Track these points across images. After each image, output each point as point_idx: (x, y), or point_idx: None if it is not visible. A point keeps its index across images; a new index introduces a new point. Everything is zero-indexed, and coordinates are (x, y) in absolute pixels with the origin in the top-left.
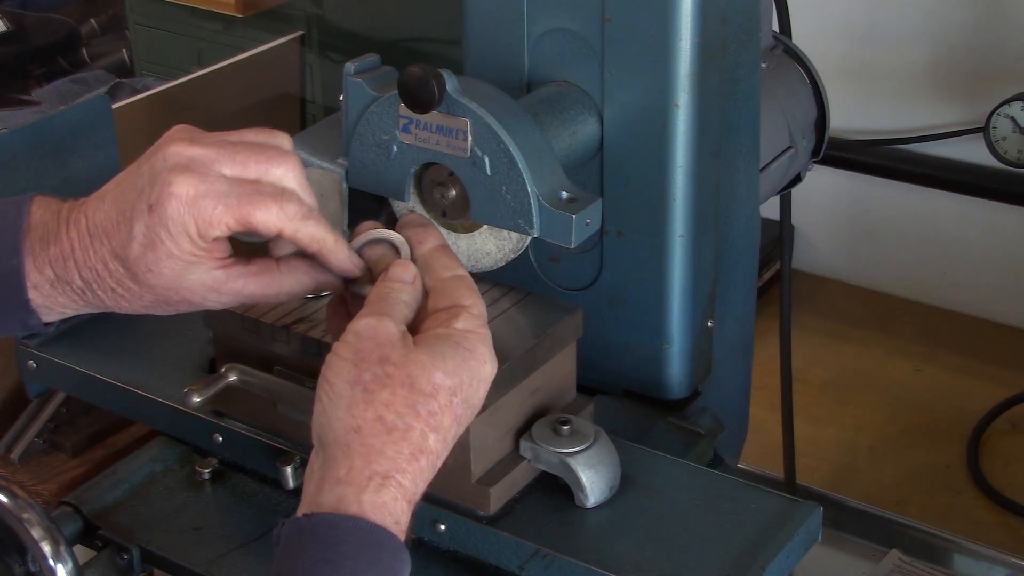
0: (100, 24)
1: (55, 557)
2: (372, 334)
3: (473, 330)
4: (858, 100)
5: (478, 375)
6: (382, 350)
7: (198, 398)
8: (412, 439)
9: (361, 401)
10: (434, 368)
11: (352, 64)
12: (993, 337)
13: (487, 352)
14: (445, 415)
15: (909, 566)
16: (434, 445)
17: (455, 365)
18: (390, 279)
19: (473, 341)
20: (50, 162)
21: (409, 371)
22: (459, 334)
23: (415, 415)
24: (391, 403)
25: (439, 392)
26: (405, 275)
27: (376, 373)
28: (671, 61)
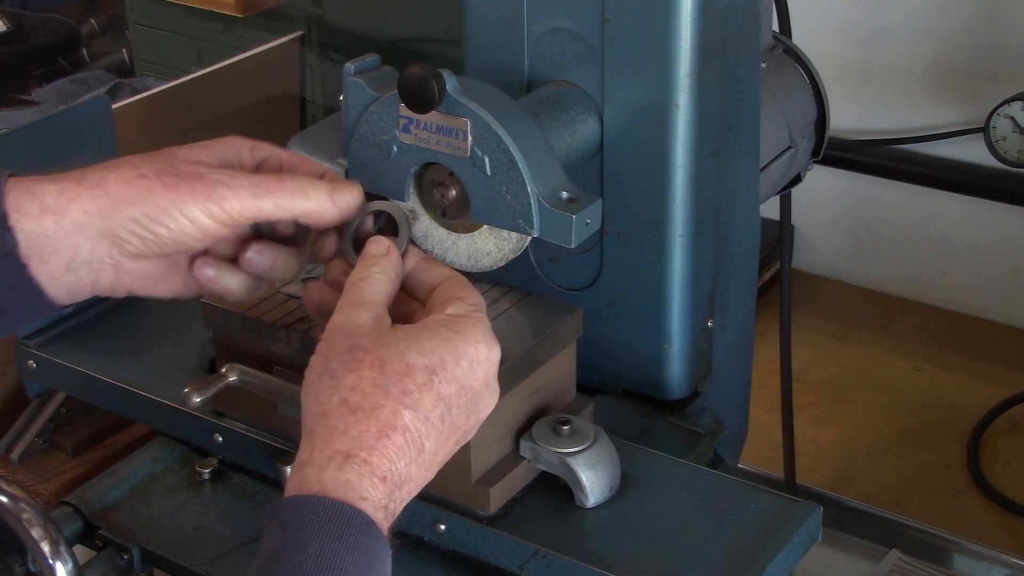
0: (100, 24)
1: (55, 557)
2: (342, 327)
3: (464, 315)
4: (858, 100)
5: (467, 355)
6: (352, 339)
7: (198, 398)
8: (381, 416)
9: (327, 388)
10: (408, 348)
11: (352, 64)
12: (993, 337)
13: (480, 334)
14: (424, 394)
15: (909, 566)
16: (411, 422)
17: (434, 345)
18: (363, 257)
19: (462, 323)
20: (50, 162)
21: (380, 353)
22: (446, 318)
23: (384, 394)
24: (357, 385)
25: (413, 371)
26: (378, 248)
27: (344, 360)
28: (671, 61)
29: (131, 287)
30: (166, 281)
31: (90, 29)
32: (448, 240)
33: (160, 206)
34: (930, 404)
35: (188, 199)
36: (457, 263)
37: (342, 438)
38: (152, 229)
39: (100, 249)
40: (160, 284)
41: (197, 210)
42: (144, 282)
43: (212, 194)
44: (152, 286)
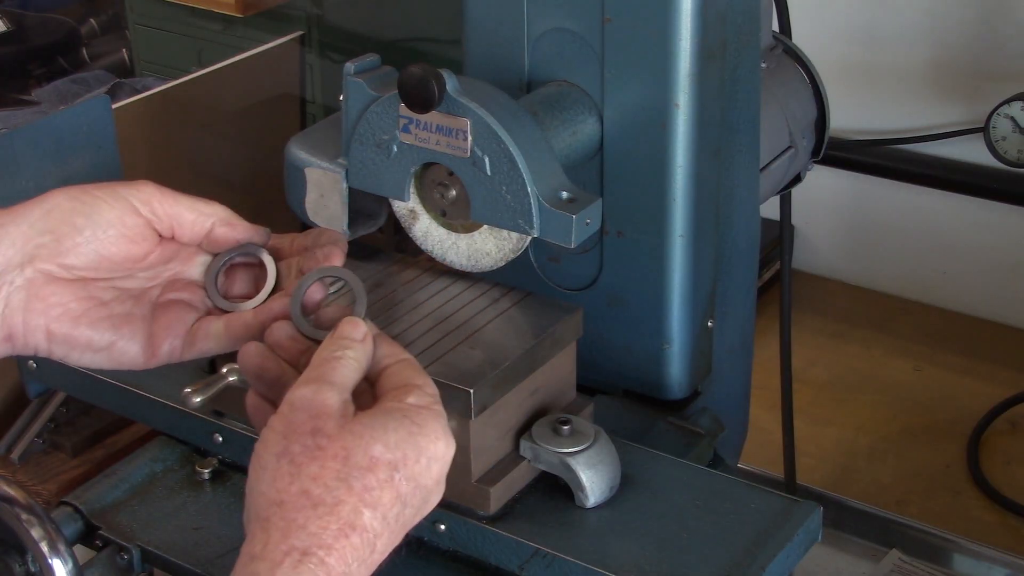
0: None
1: (55, 557)
2: (307, 405)
3: (426, 406)
4: (858, 100)
5: (427, 452)
6: (316, 421)
7: (198, 398)
8: (341, 514)
9: (287, 474)
10: (373, 440)
11: (352, 64)
12: (993, 337)
13: (440, 430)
14: (385, 491)
15: (909, 566)
16: (370, 522)
17: (399, 439)
18: (338, 336)
19: (424, 417)
20: (50, 162)
21: (344, 443)
22: (409, 408)
23: (347, 489)
24: (319, 476)
25: (377, 466)
26: (355, 332)
27: (306, 445)
28: (671, 61)
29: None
30: (88, 320)
31: (90, 29)
32: (448, 240)
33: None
34: (930, 404)
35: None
36: (457, 263)
37: (300, 533)
38: (66, 219)
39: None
40: (82, 323)
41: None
42: (60, 314)
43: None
44: (72, 324)
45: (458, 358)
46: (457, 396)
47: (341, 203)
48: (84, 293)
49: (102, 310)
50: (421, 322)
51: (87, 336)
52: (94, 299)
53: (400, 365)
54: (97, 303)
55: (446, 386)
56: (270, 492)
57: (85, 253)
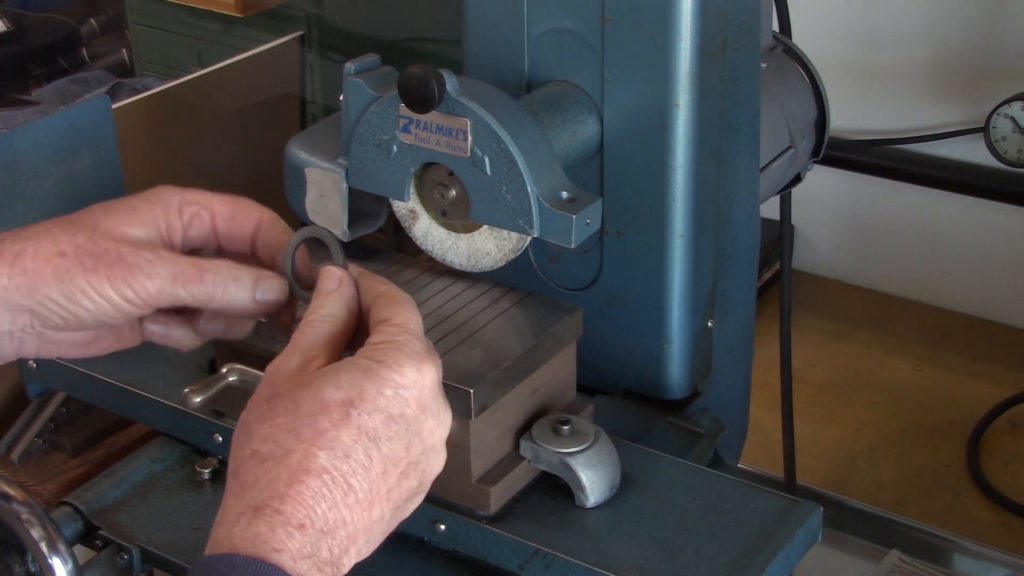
0: (100, 24)
1: (55, 557)
2: (268, 378)
3: (387, 340)
4: (858, 100)
5: (391, 382)
6: (274, 387)
7: (198, 398)
8: (291, 463)
9: (242, 443)
10: (324, 385)
11: (352, 64)
12: (993, 337)
13: (404, 357)
14: (341, 430)
15: (909, 566)
16: (328, 462)
17: (351, 377)
18: (316, 294)
19: (383, 350)
20: (50, 162)
21: (295, 396)
22: (368, 348)
23: (295, 437)
24: (268, 435)
25: (328, 408)
26: (328, 283)
27: (261, 411)
28: (671, 61)
29: (58, 352)
30: (96, 343)
31: (90, 29)
32: (448, 240)
33: (79, 287)
34: (930, 404)
35: (106, 282)
36: (457, 263)
37: (252, 491)
38: (71, 309)
39: (20, 320)
40: (91, 347)
41: (115, 294)
42: (71, 348)
43: (130, 279)
44: (82, 350)
45: (458, 358)
46: (457, 396)
47: (341, 203)
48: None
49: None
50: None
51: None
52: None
53: (378, 302)
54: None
55: (446, 386)
56: (231, 465)
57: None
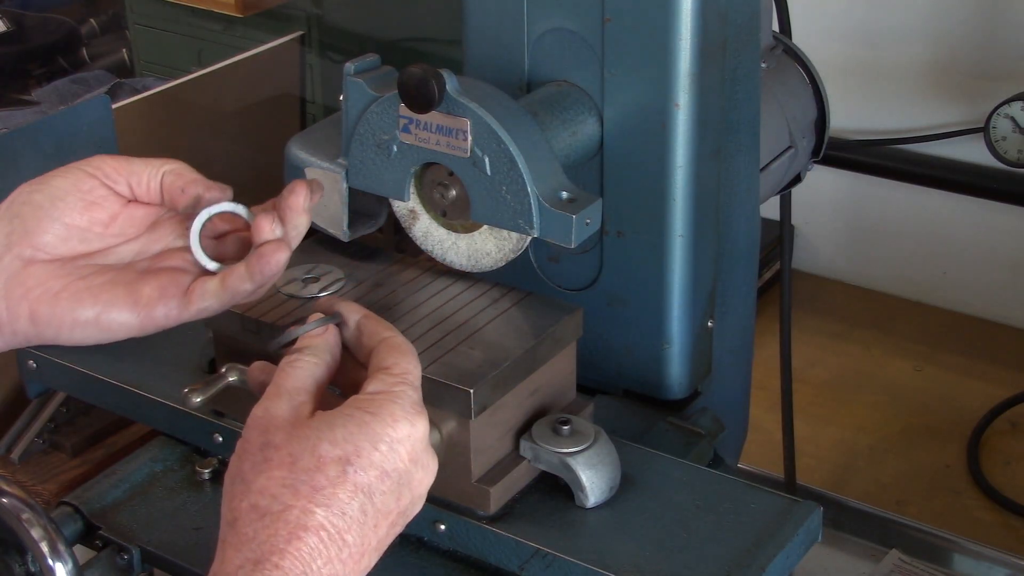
0: (100, 24)
1: (55, 557)
2: (258, 423)
3: (382, 391)
4: (858, 100)
5: (386, 437)
6: (265, 435)
7: (198, 398)
8: (289, 519)
9: (239, 493)
10: (319, 440)
11: (352, 64)
12: (993, 337)
13: (398, 411)
14: (338, 487)
15: (909, 566)
16: (326, 520)
17: (347, 432)
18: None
19: (378, 403)
20: (50, 162)
21: (291, 449)
22: (364, 398)
23: (293, 493)
24: (266, 488)
25: (325, 464)
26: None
27: (255, 460)
28: (671, 61)
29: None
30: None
31: (90, 29)
32: (448, 240)
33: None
34: (930, 404)
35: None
36: (457, 263)
37: (251, 545)
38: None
39: None
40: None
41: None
42: (41, 293)
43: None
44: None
45: (458, 358)
46: (457, 396)
47: (341, 203)
48: (63, 272)
49: (81, 283)
50: (421, 322)
51: (70, 311)
52: (73, 275)
53: (380, 347)
54: (76, 278)
55: (446, 386)
56: (226, 514)
57: (52, 228)
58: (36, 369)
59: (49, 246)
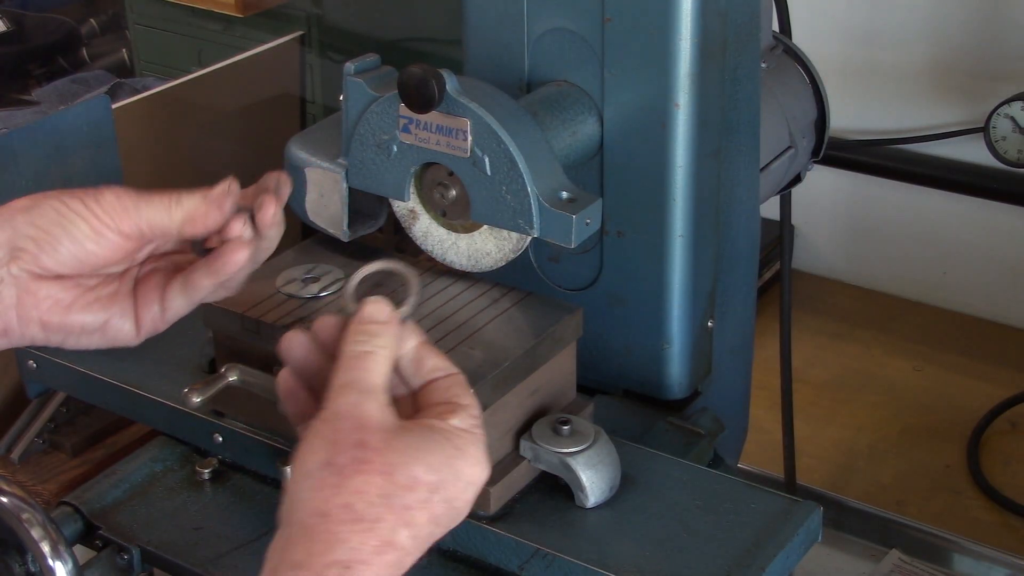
0: (100, 24)
1: (55, 557)
2: (350, 413)
3: (468, 430)
4: (858, 100)
5: (465, 476)
6: (361, 433)
7: (198, 398)
8: (381, 531)
9: (331, 484)
10: (416, 460)
11: (352, 64)
12: (993, 337)
13: (479, 455)
14: (421, 512)
15: (909, 566)
16: (404, 541)
17: (440, 461)
18: (362, 320)
19: (466, 441)
20: (50, 162)
21: (388, 459)
22: (453, 430)
23: (387, 507)
24: (363, 491)
25: (418, 486)
26: (378, 314)
27: (353, 456)
28: (671, 61)
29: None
30: (79, 306)
31: (90, 29)
32: (448, 240)
33: (53, 208)
34: (930, 404)
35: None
36: (457, 263)
37: (342, 547)
38: (46, 229)
39: None
40: (74, 310)
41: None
42: (52, 305)
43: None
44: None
45: (458, 358)
46: None
47: (341, 203)
48: (71, 283)
49: (90, 294)
50: (421, 322)
51: (81, 320)
52: (80, 287)
53: (448, 380)
54: (85, 289)
55: None
56: (314, 501)
57: (64, 260)
58: (36, 369)
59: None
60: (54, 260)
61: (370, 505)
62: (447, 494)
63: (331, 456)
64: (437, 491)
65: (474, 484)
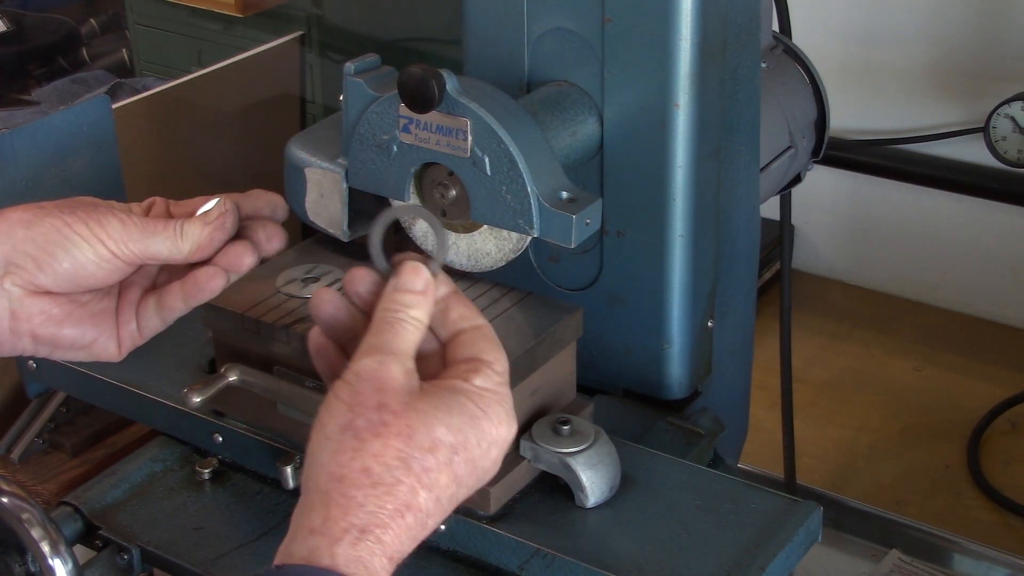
0: (100, 24)
1: (55, 557)
2: (372, 376)
3: (492, 389)
4: (858, 100)
5: (488, 436)
6: (381, 395)
7: (198, 398)
8: (399, 494)
9: (349, 448)
10: (437, 421)
11: (352, 64)
12: (993, 337)
13: (504, 414)
14: (442, 473)
15: (909, 566)
16: (425, 503)
17: (462, 422)
18: (399, 289)
19: (488, 401)
20: (50, 162)
21: (409, 421)
22: (475, 391)
23: (406, 470)
24: (381, 454)
25: (438, 448)
26: (416, 282)
27: (371, 420)
28: (671, 61)
29: (32, 328)
30: (71, 322)
31: (90, 29)
32: (448, 240)
33: (53, 226)
34: (930, 404)
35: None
36: (457, 263)
37: (359, 511)
38: (46, 248)
39: None
40: (65, 325)
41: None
42: (44, 320)
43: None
44: (56, 327)
45: None
46: None
47: (341, 203)
48: (64, 299)
49: (82, 311)
50: None
51: (71, 336)
52: (74, 303)
53: (474, 333)
54: (77, 306)
55: None
56: (331, 465)
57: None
58: (36, 369)
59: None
60: (51, 279)
61: (388, 468)
62: (470, 455)
63: (351, 419)
64: (458, 452)
65: (499, 443)
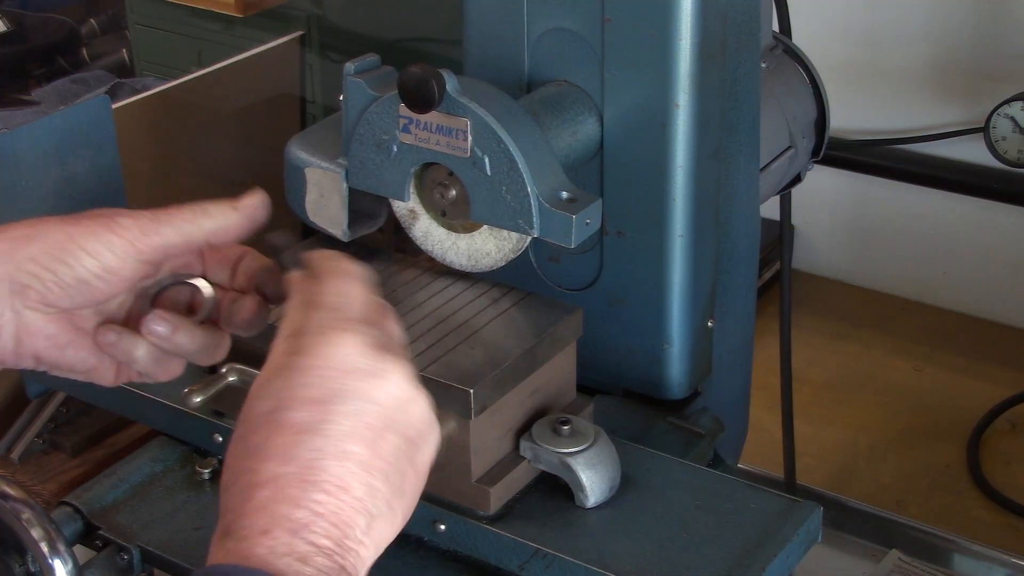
0: (100, 24)
1: (55, 557)
2: None
3: (301, 328)
4: (858, 100)
5: (306, 371)
6: None
7: (198, 398)
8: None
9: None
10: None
11: (352, 64)
12: (993, 337)
13: (319, 339)
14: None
15: (909, 566)
16: None
17: (273, 388)
18: None
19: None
20: (50, 162)
21: None
22: (283, 342)
23: None
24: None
25: (257, 422)
26: None
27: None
28: (671, 61)
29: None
30: (74, 348)
31: (90, 29)
32: (448, 240)
33: (59, 241)
34: (930, 404)
35: (87, 232)
36: (457, 263)
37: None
38: (51, 267)
39: None
40: (68, 351)
41: (97, 243)
42: (48, 344)
43: (111, 224)
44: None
45: (458, 358)
46: (457, 396)
47: (341, 203)
48: (70, 324)
49: (87, 338)
50: (421, 322)
51: (72, 361)
52: (80, 329)
53: None
54: (83, 333)
55: (446, 386)
56: None
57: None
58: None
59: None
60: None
61: None
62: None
63: None
64: (278, 410)
65: (326, 366)
